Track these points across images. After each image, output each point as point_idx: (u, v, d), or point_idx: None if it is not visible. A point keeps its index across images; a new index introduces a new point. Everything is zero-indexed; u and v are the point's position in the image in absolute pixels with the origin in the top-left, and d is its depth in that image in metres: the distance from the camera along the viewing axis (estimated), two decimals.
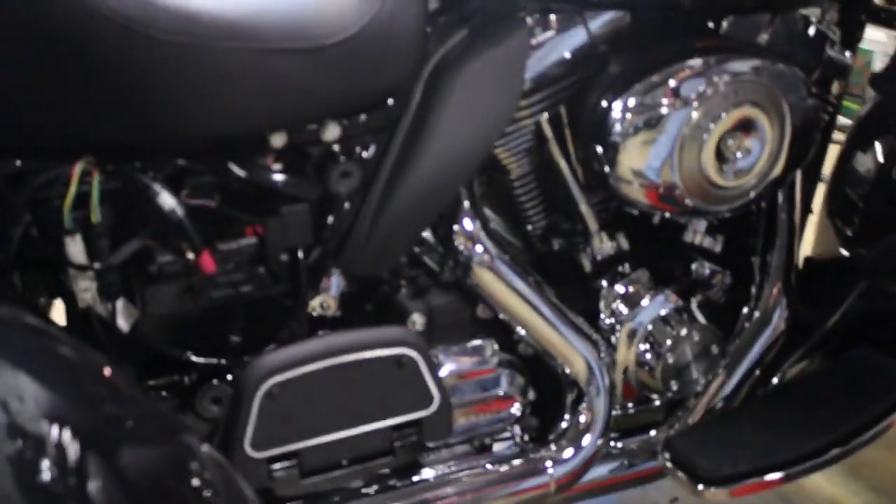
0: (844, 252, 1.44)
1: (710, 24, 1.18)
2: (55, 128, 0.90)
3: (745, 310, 1.30)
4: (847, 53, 1.28)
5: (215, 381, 1.03)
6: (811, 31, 1.23)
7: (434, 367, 1.03)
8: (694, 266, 1.25)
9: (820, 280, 1.37)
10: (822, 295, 1.35)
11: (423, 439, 1.04)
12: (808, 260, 1.39)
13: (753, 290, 1.29)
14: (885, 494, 1.56)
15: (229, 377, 1.03)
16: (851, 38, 1.30)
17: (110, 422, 0.68)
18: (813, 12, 1.25)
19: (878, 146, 1.48)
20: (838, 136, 1.44)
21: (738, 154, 1.09)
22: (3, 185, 0.90)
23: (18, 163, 0.91)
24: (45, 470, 0.58)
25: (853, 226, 1.48)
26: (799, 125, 1.12)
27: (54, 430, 0.61)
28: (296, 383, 0.95)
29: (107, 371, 0.74)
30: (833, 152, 1.43)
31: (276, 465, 0.98)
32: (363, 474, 1.05)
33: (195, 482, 0.68)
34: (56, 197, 0.91)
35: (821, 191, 1.45)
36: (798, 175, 1.29)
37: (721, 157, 1.09)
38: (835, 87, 1.30)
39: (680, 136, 1.07)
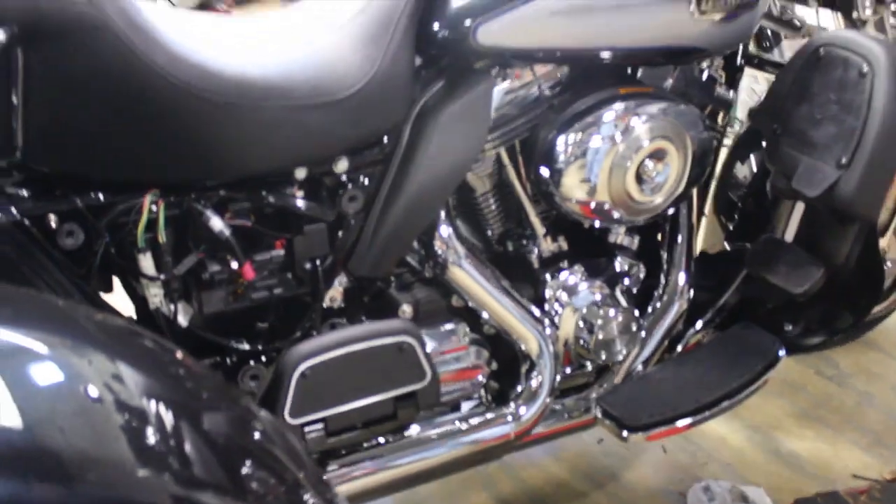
0: (727, 245, 1.62)
1: (630, 72, 1.33)
2: (130, 168, 1.02)
3: (656, 293, 1.46)
4: (731, 92, 1.45)
5: (252, 363, 1.15)
6: (704, 76, 1.40)
7: (426, 350, 1.18)
8: (617, 261, 1.42)
9: (712, 269, 1.54)
10: (713, 281, 1.52)
11: (420, 406, 1.19)
12: (702, 253, 1.56)
13: (662, 278, 1.45)
14: (759, 432, 1.75)
15: (263, 359, 1.16)
16: (733, 79, 1.47)
17: (190, 394, 0.78)
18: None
19: (752, 158, 1.66)
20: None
21: (654, 176, 1.26)
22: (88, 212, 1.02)
23: (101, 196, 1.02)
24: (150, 436, 0.67)
25: (734, 222, 1.66)
26: (698, 152, 1.30)
27: (151, 403, 0.71)
28: (323, 366, 1.09)
29: (180, 355, 0.86)
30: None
31: (308, 429, 1.12)
32: (373, 433, 1.19)
33: (259, 437, 0.80)
34: (130, 222, 1.03)
35: None
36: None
37: (640, 179, 1.26)
38: (721, 118, 1.48)
39: (608, 164, 1.23)
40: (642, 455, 1.67)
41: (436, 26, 1.15)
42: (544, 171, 1.25)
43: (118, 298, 1.13)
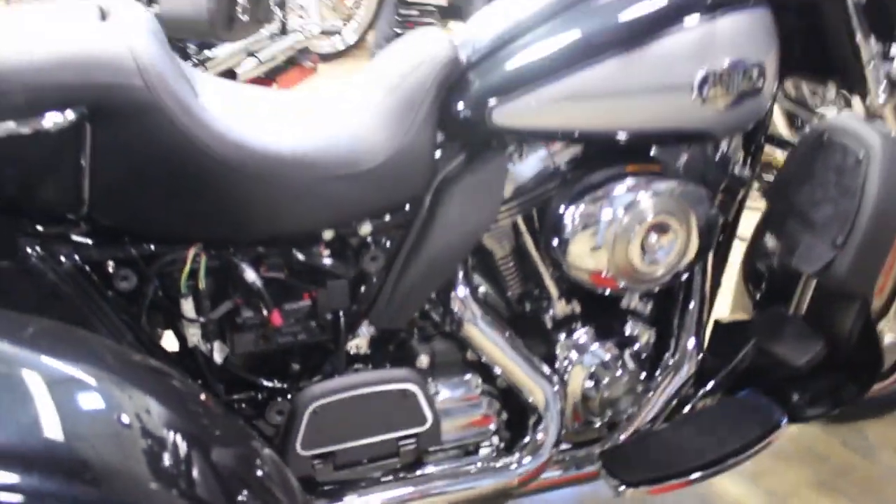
0: (747, 314, 1.69)
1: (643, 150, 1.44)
2: (177, 226, 1.19)
3: (667, 356, 1.55)
4: (747, 169, 1.53)
5: (280, 399, 1.29)
6: (718, 155, 1.49)
7: (429, 397, 1.30)
8: (628, 325, 1.51)
9: (724, 337, 1.61)
10: (724, 348, 1.60)
11: (420, 447, 1.31)
12: (716, 322, 1.64)
13: (672, 342, 1.54)
14: (776, 498, 1.80)
15: (289, 396, 1.30)
16: (753, 158, 1.56)
17: (204, 430, 0.92)
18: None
19: None
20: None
21: (657, 249, 1.36)
22: (141, 261, 1.18)
23: (152, 247, 1.19)
24: (165, 459, 0.82)
25: (760, 292, 1.73)
26: (702, 229, 1.39)
27: (171, 434, 0.86)
28: (333, 406, 1.23)
29: (202, 396, 1.01)
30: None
31: (317, 461, 1.26)
32: (378, 469, 1.32)
33: (259, 472, 0.93)
34: (176, 271, 1.19)
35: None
36: (710, 258, 1.55)
37: (643, 251, 1.36)
38: (739, 194, 1.56)
39: (612, 236, 1.33)
40: None
41: (456, 108, 1.29)
42: (554, 240, 1.36)
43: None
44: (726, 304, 1.79)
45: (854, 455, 1.93)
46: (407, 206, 1.30)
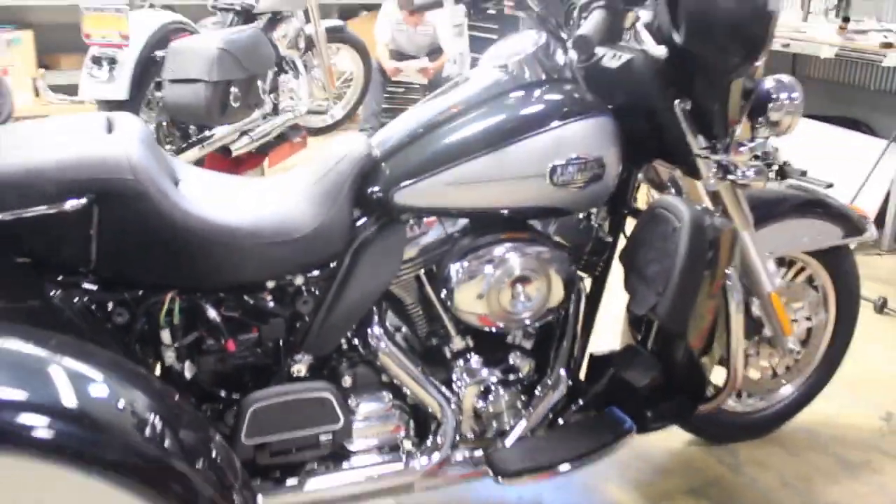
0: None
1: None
2: (159, 278, 1.63)
3: (544, 380, 1.97)
4: (608, 236, 1.97)
5: (234, 406, 1.73)
6: (582, 225, 1.95)
7: (342, 403, 1.72)
8: (511, 356, 1.94)
9: (595, 366, 2.04)
10: (595, 375, 2.03)
11: (336, 441, 1.74)
12: (591, 355, 2.06)
13: (548, 370, 1.96)
14: (653, 500, 2.21)
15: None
16: (616, 226, 2.00)
17: (174, 416, 1.33)
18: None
19: None
20: None
21: (522, 297, 1.80)
22: (132, 302, 1.64)
23: (140, 292, 1.64)
24: (146, 431, 1.23)
25: (640, 331, 2.16)
26: (561, 282, 1.83)
27: (150, 415, 1.27)
28: (268, 407, 1.66)
29: (174, 395, 1.45)
30: None
31: (257, 449, 1.69)
32: (305, 458, 1.75)
33: (212, 450, 1.35)
34: (157, 310, 1.64)
35: None
36: (583, 300, 1.98)
37: (512, 298, 1.80)
38: (605, 254, 2.00)
39: (489, 287, 1.78)
40: None
41: (369, 190, 1.74)
42: (444, 291, 1.81)
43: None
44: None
45: (724, 468, 2.34)
46: (331, 264, 1.75)
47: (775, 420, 2.44)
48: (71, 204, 1.47)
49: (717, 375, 2.10)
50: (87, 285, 1.59)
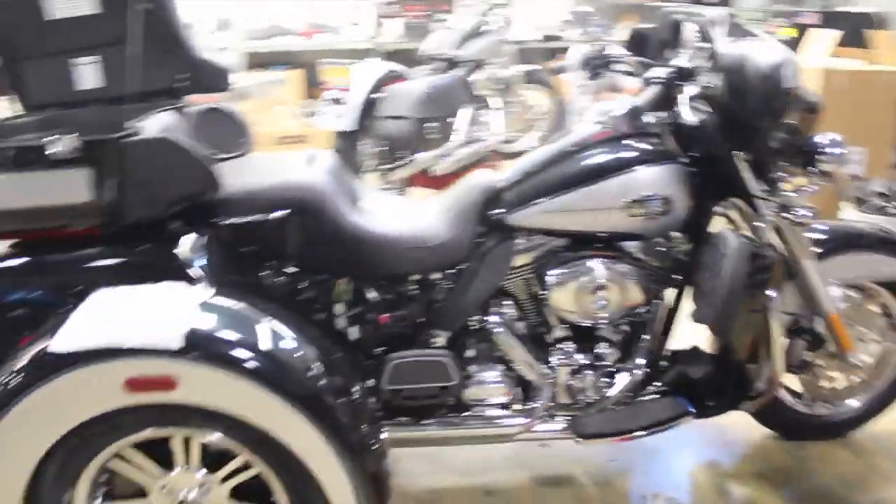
0: None
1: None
2: (337, 268, 2.15)
3: (627, 364, 2.29)
4: (686, 259, 2.28)
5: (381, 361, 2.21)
6: (662, 248, 2.27)
7: (455, 367, 2.14)
8: (599, 345, 2.27)
9: (672, 360, 2.35)
10: (667, 368, 2.34)
11: (449, 394, 2.18)
12: (672, 351, 2.37)
13: (629, 360, 2.29)
14: (735, 479, 2.48)
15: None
16: (693, 251, 2.30)
17: (333, 366, 1.84)
18: None
19: None
20: None
21: (602, 301, 2.16)
22: (317, 283, 2.16)
23: (323, 276, 2.17)
24: (312, 372, 1.75)
25: None
26: (633, 292, 2.17)
27: (318, 364, 1.79)
28: (403, 364, 2.13)
29: (338, 352, 1.94)
30: None
31: (394, 393, 2.16)
32: (429, 406, 2.20)
33: (354, 394, 1.85)
34: (334, 290, 2.16)
35: None
36: (662, 303, 2.29)
37: (593, 302, 2.16)
38: (681, 274, 2.30)
39: (577, 290, 2.16)
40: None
41: (490, 213, 2.19)
42: (544, 291, 2.21)
43: None
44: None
45: (791, 460, 2.55)
46: (459, 266, 2.20)
47: (844, 426, 2.61)
48: (277, 214, 2.02)
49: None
50: (287, 270, 2.13)
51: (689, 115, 2.04)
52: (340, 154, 4.49)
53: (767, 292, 2.16)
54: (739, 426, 2.65)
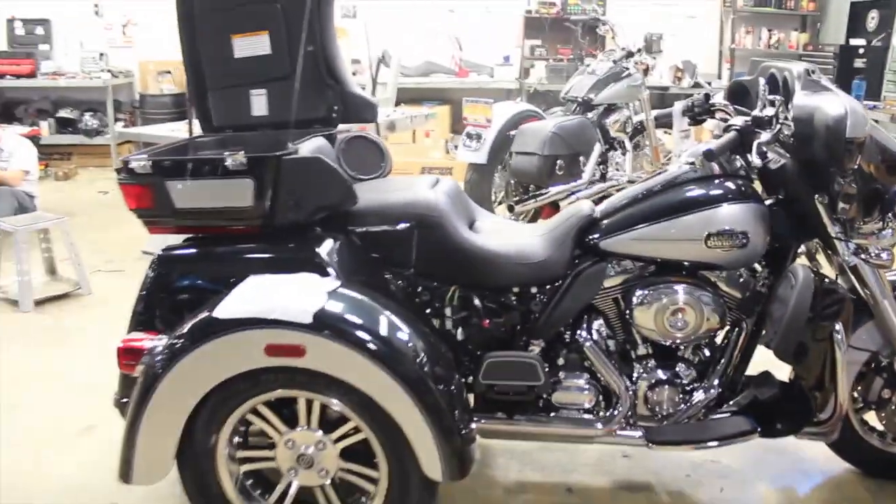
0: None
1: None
2: (448, 277, 2.50)
3: (704, 383, 2.51)
4: (764, 289, 2.49)
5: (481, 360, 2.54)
6: (742, 279, 2.49)
7: (543, 367, 2.42)
8: (679, 364, 2.50)
9: (746, 383, 2.54)
10: (740, 390, 2.53)
11: (537, 392, 2.48)
12: (745, 375, 2.57)
13: (706, 380, 2.52)
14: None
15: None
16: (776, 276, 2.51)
17: (438, 359, 2.22)
18: None
19: None
20: None
21: (680, 323, 2.41)
22: (431, 288, 2.53)
23: (435, 284, 2.53)
24: (420, 361, 2.15)
25: None
26: (710, 318, 2.40)
27: (425, 355, 2.16)
28: (498, 362, 2.46)
29: (443, 348, 2.30)
30: None
31: (488, 388, 2.49)
32: (518, 400, 2.50)
33: (452, 385, 2.23)
34: (445, 295, 2.52)
35: None
36: (741, 336, 2.50)
37: (671, 323, 2.41)
38: (760, 304, 2.51)
39: (658, 311, 2.41)
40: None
41: (586, 238, 2.49)
42: (628, 311, 2.48)
43: None
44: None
45: (865, 493, 2.68)
46: (556, 283, 2.51)
47: None
48: (401, 226, 2.41)
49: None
50: (407, 274, 2.50)
51: (757, 160, 2.27)
52: (474, 185, 4.92)
53: (834, 325, 2.33)
54: (819, 459, 2.80)
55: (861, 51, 6.94)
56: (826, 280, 2.36)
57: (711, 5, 8.60)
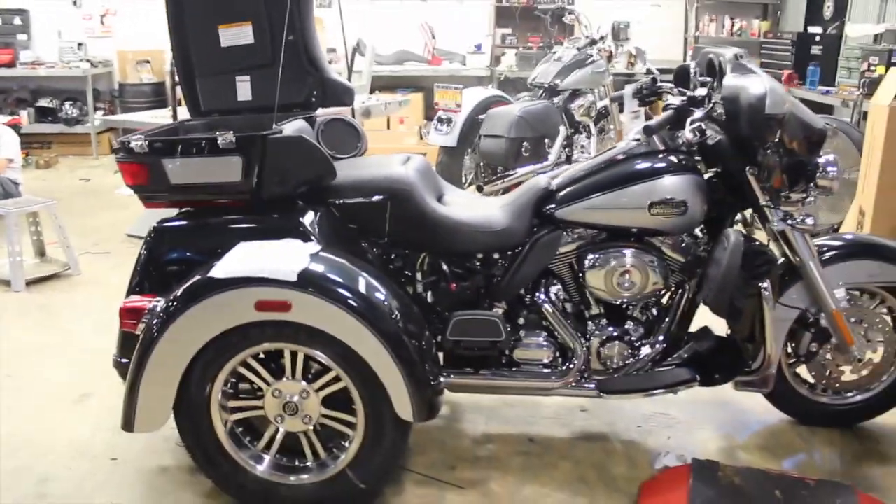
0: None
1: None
2: (418, 244, 2.78)
3: (648, 340, 2.81)
4: (705, 254, 2.78)
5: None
6: (685, 244, 2.77)
7: (504, 325, 2.71)
8: (628, 322, 2.81)
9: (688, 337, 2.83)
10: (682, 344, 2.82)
11: (499, 348, 2.76)
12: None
13: (651, 336, 2.80)
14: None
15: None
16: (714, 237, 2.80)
17: (410, 317, 2.49)
18: None
19: None
20: None
21: (627, 283, 2.69)
22: (403, 255, 2.80)
23: (407, 251, 2.80)
24: (395, 317, 2.41)
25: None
26: (655, 277, 2.69)
27: (399, 313, 2.42)
28: (463, 321, 2.72)
29: (414, 308, 2.57)
30: None
31: (455, 344, 2.76)
32: (483, 355, 2.78)
33: (423, 340, 2.50)
34: (416, 261, 2.79)
35: None
36: (685, 290, 2.79)
37: (620, 283, 2.69)
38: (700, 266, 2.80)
39: (607, 272, 2.70)
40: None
41: (543, 208, 2.76)
42: (581, 273, 2.75)
43: None
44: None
45: (798, 439, 2.97)
46: (516, 249, 2.77)
47: (852, 416, 3.00)
48: (376, 198, 2.67)
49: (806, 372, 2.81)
50: (381, 242, 2.77)
51: (690, 135, 2.56)
52: (445, 167, 5.19)
53: (762, 283, 2.62)
54: (758, 410, 3.09)
55: (817, 38, 7.25)
56: (756, 243, 2.64)
57: None
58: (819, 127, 2.59)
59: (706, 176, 2.72)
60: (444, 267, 2.79)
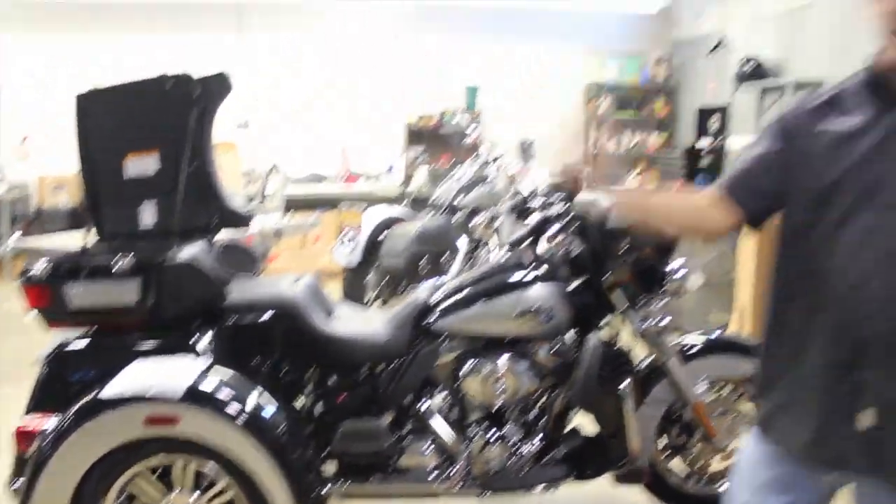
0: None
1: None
2: (310, 357, 2.98)
3: (526, 441, 3.02)
4: (572, 357, 3.04)
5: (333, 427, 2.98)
6: (554, 350, 3.04)
7: (388, 434, 2.91)
8: (507, 425, 3.02)
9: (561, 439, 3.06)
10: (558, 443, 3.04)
11: (382, 456, 2.94)
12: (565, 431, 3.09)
13: (530, 437, 3.02)
14: None
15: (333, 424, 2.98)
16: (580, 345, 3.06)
17: (294, 428, 2.69)
18: None
19: None
20: None
21: (500, 389, 2.92)
22: (292, 366, 2.99)
23: (296, 361, 2.99)
24: (279, 431, 2.59)
25: None
26: (526, 382, 2.93)
27: (283, 425, 2.63)
28: (349, 431, 2.90)
29: (296, 418, 2.76)
30: None
31: (343, 455, 2.93)
32: (368, 461, 2.95)
33: (306, 451, 2.68)
34: (304, 371, 2.98)
35: None
36: (560, 392, 3.03)
37: (493, 388, 2.93)
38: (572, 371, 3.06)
39: (481, 378, 2.93)
40: None
41: (422, 321, 3.00)
42: (459, 378, 2.98)
43: None
44: None
45: None
46: (398, 359, 2.99)
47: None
48: (266, 317, 2.88)
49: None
50: (273, 357, 2.94)
51: (543, 249, 2.87)
52: (349, 284, 5.43)
53: (620, 383, 2.89)
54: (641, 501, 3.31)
55: (705, 151, 7.86)
56: (614, 346, 2.92)
57: (577, 112, 9.56)
58: (668, 238, 2.92)
59: (575, 284, 3.00)
60: (333, 378, 2.99)
